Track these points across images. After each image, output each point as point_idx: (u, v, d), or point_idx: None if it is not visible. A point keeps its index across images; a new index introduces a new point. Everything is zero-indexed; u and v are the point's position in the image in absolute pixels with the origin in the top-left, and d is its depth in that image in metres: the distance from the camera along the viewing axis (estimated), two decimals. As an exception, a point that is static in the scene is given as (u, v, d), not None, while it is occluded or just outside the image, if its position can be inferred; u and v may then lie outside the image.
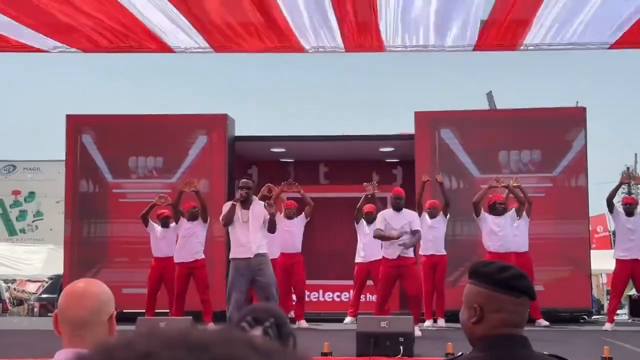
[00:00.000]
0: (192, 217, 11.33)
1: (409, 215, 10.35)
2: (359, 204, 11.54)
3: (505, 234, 10.96)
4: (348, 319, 11.73)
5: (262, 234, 9.17)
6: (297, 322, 11.30)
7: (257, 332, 2.06)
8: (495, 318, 2.19)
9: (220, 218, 9.27)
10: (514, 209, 11.16)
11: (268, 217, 9.16)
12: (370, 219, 11.54)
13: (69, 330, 2.32)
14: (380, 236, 10.14)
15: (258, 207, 9.20)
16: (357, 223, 11.89)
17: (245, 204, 9.14)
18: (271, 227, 9.25)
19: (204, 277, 11.28)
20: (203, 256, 11.38)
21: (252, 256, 9.00)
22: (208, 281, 11.38)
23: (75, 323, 2.32)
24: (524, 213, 11.14)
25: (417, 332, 9.30)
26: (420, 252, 11.44)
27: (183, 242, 11.28)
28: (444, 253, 11.49)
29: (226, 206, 9.32)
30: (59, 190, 16.76)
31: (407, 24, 5.28)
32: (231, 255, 9.23)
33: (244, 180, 9.42)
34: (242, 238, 9.04)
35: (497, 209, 11.08)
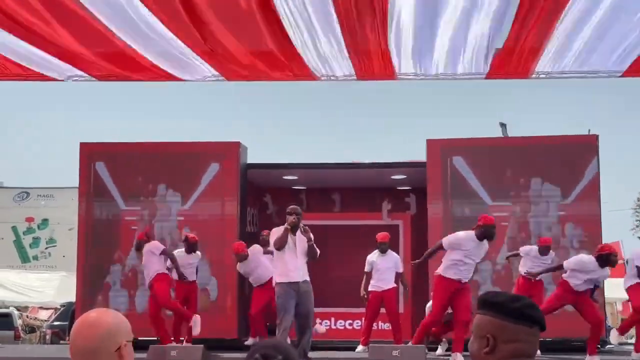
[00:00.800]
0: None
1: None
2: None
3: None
4: (360, 348, 11.68)
5: (305, 260, 9.30)
6: None
7: None
8: (508, 348, 2.18)
9: (273, 242, 9.31)
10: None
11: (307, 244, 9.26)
12: (384, 248, 12.00)
13: None
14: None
15: (301, 234, 9.30)
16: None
17: (293, 230, 9.23)
18: (312, 254, 9.31)
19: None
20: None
21: (300, 281, 9.14)
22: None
23: (84, 353, 2.32)
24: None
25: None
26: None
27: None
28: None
29: (278, 231, 9.35)
30: (72, 217, 16.82)
31: (419, 52, 5.30)
32: (280, 280, 9.26)
33: (293, 206, 9.48)
34: (291, 263, 9.15)
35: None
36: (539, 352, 10.80)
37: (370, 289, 11.90)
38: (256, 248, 12.41)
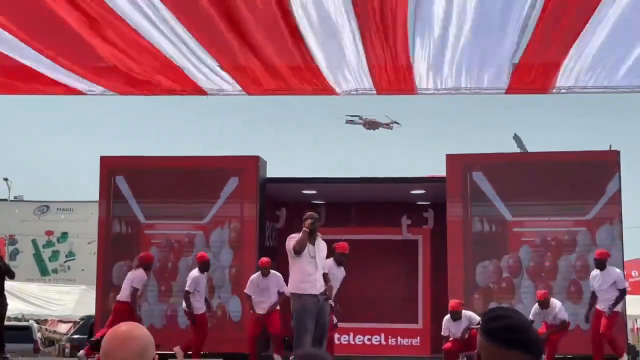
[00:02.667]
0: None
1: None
2: None
3: None
4: None
5: (322, 271, 9.06)
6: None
7: None
8: None
9: (293, 245, 8.87)
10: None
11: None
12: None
13: None
14: None
15: (322, 244, 9.08)
16: None
17: (312, 238, 8.92)
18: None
19: None
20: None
21: (319, 293, 8.84)
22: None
23: None
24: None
25: None
26: None
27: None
28: None
29: (294, 237, 9.03)
30: (92, 230, 16.91)
31: (439, 67, 5.30)
32: (297, 290, 8.90)
33: (310, 212, 9.26)
34: (311, 272, 8.79)
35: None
36: None
37: None
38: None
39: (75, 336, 18.89)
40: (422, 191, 14.78)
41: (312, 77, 5.53)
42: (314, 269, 8.82)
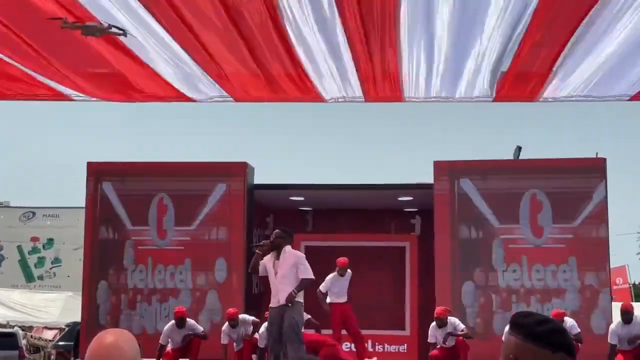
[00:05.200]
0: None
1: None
2: None
3: None
4: None
5: (292, 283, 9.14)
6: None
7: None
8: None
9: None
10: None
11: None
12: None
13: None
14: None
15: (288, 256, 9.19)
16: None
17: (277, 254, 9.17)
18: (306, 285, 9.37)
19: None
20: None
21: (277, 306, 9.10)
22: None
23: None
24: None
25: None
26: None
27: None
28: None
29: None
30: (78, 237, 16.84)
31: (427, 75, 5.31)
32: (270, 305, 9.39)
33: (276, 230, 9.51)
34: (274, 288, 9.16)
35: None
36: None
37: None
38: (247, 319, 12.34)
39: (61, 343, 18.78)
40: (410, 198, 14.80)
41: (301, 85, 5.53)
42: (276, 283, 9.11)
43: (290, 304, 9.03)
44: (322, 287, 12.10)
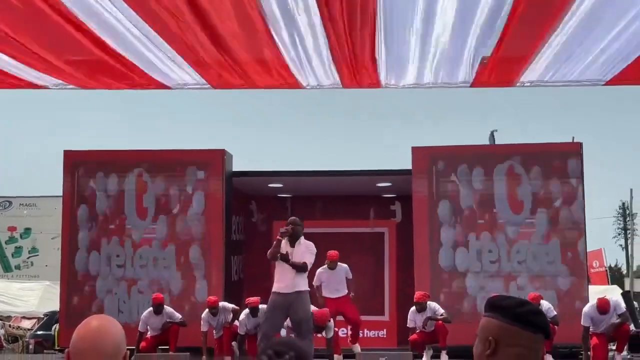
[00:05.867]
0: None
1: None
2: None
3: None
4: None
5: (303, 273, 9.43)
6: None
7: None
8: (509, 352, 2.18)
9: (267, 253, 9.59)
10: None
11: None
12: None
13: None
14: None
15: (303, 246, 9.44)
16: None
17: (292, 242, 9.37)
18: (297, 269, 9.39)
19: None
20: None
21: (289, 292, 9.28)
22: None
23: None
24: None
25: None
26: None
27: None
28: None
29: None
30: (55, 226, 16.73)
31: (404, 61, 5.31)
32: (273, 289, 9.48)
33: (292, 218, 9.72)
34: (282, 275, 9.33)
35: None
36: (552, 358, 10.97)
37: None
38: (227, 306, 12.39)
39: (40, 332, 18.70)
40: (389, 184, 14.83)
41: (278, 71, 5.51)
42: (288, 272, 9.29)
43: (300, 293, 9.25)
44: (314, 281, 12.14)
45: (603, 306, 11.49)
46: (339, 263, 12.28)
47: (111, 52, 5.14)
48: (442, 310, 11.75)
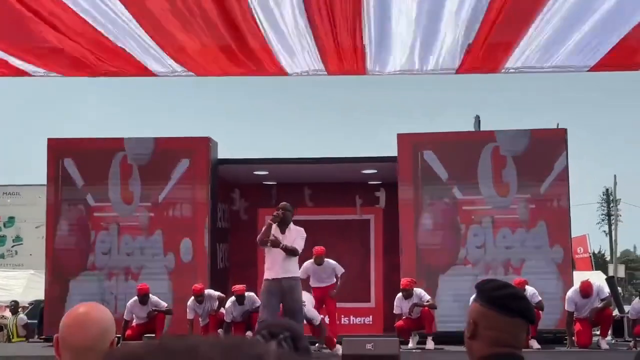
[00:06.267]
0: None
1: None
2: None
3: None
4: None
5: (294, 258, 9.39)
6: None
7: (272, 344, 2.05)
8: (487, 335, 2.19)
9: (257, 238, 9.54)
10: None
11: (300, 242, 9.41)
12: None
13: (71, 357, 2.28)
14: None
15: (293, 232, 9.41)
16: None
17: (282, 227, 9.33)
18: (288, 253, 9.36)
19: None
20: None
21: (282, 277, 9.23)
22: None
23: (78, 350, 2.27)
24: None
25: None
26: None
27: None
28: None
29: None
30: (39, 215, 16.65)
31: (389, 48, 5.30)
32: (265, 276, 9.44)
33: (282, 203, 9.64)
34: (275, 260, 9.27)
35: None
36: (537, 343, 11.05)
37: None
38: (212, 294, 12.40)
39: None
40: (374, 171, 14.84)
41: (263, 58, 5.49)
42: (279, 257, 9.23)
43: (294, 280, 9.25)
44: (301, 274, 12.13)
45: (585, 289, 11.58)
46: (326, 259, 12.27)
47: (96, 36, 5.10)
48: (428, 297, 11.81)
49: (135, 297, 12.14)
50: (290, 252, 9.32)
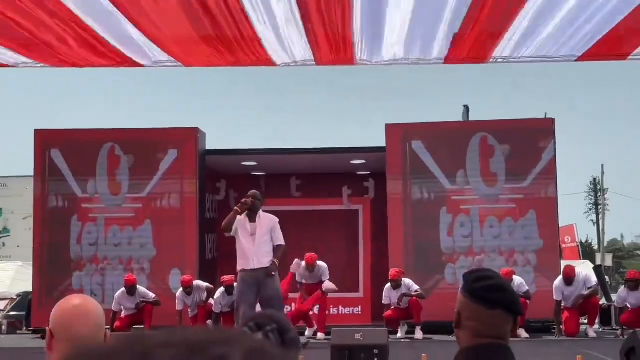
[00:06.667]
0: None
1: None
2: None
3: None
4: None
5: (268, 246, 9.09)
6: None
7: (258, 337, 2.04)
8: (470, 326, 2.19)
9: (222, 224, 9.31)
10: None
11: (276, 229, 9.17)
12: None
13: (68, 349, 2.24)
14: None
15: (265, 220, 9.15)
16: None
17: (252, 216, 9.08)
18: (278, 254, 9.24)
19: None
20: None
21: (257, 267, 8.94)
22: None
23: (79, 341, 2.24)
24: None
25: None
26: None
27: None
28: None
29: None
30: (27, 206, 16.56)
31: (378, 38, 5.29)
32: (238, 267, 9.19)
33: (251, 191, 9.37)
34: (247, 250, 8.99)
35: None
36: (525, 333, 11.12)
37: None
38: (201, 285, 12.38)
39: (12, 313, 18.58)
40: (362, 161, 14.84)
41: (252, 49, 5.47)
42: (251, 246, 8.97)
43: (273, 273, 9.02)
44: (292, 268, 12.18)
45: (568, 273, 11.69)
46: (318, 262, 12.21)
47: (83, 27, 5.07)
48: (416, 287, 11.84)
49: (123, 289, 12.14)
50: (282, 252, 9.19)
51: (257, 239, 9.03)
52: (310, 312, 12.28)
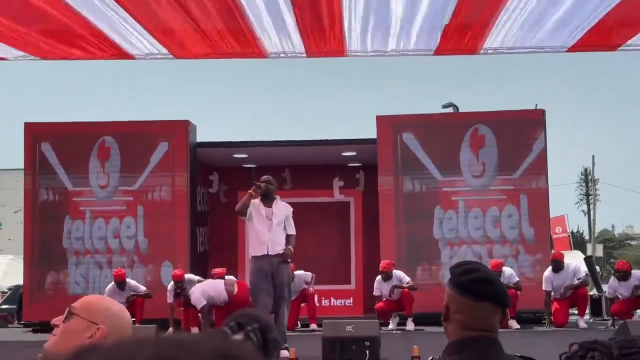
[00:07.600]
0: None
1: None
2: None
3: None
4: None
5: (282, 235, 8.91)
6: None
7: (239, 337, 2.03)
8: (458, 319, 2.20)
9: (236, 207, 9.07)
10: None
11: (290, 217, 9.02)
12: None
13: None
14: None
15: (282, 207, 9.01)
16: None
17: (267, 201, 8.91)
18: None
19: None
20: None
21: (272, 254, 8.76)
22: None
23: (120, 336, 2.25)
24: None
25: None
26: None
27: None
28: None
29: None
30: (18, 199, 16.51)
31: (369, 29, 5.29)
32: (252, 253, 9.00)
33: (265, 177, 9.15)
34: (262, 235, 8.78)
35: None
36: (516, 323, 11.16)
37: None
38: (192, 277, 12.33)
39: (4, 306, 18.55)
40: (354, 153, 14.85)
41: (241, 40, 5.46)
42: (267, 231, 8.78)
43: (288, 261, 8.95)
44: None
45: (557, 256, 11.79)
46: (298, 272, 12.06)
47: (75, 19, 5.05)
48: (407, 279, 11.87)
49: (113, 283, 12.12)
50: (294, 244, 9.02)
51: (273, 225, 8.83)
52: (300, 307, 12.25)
